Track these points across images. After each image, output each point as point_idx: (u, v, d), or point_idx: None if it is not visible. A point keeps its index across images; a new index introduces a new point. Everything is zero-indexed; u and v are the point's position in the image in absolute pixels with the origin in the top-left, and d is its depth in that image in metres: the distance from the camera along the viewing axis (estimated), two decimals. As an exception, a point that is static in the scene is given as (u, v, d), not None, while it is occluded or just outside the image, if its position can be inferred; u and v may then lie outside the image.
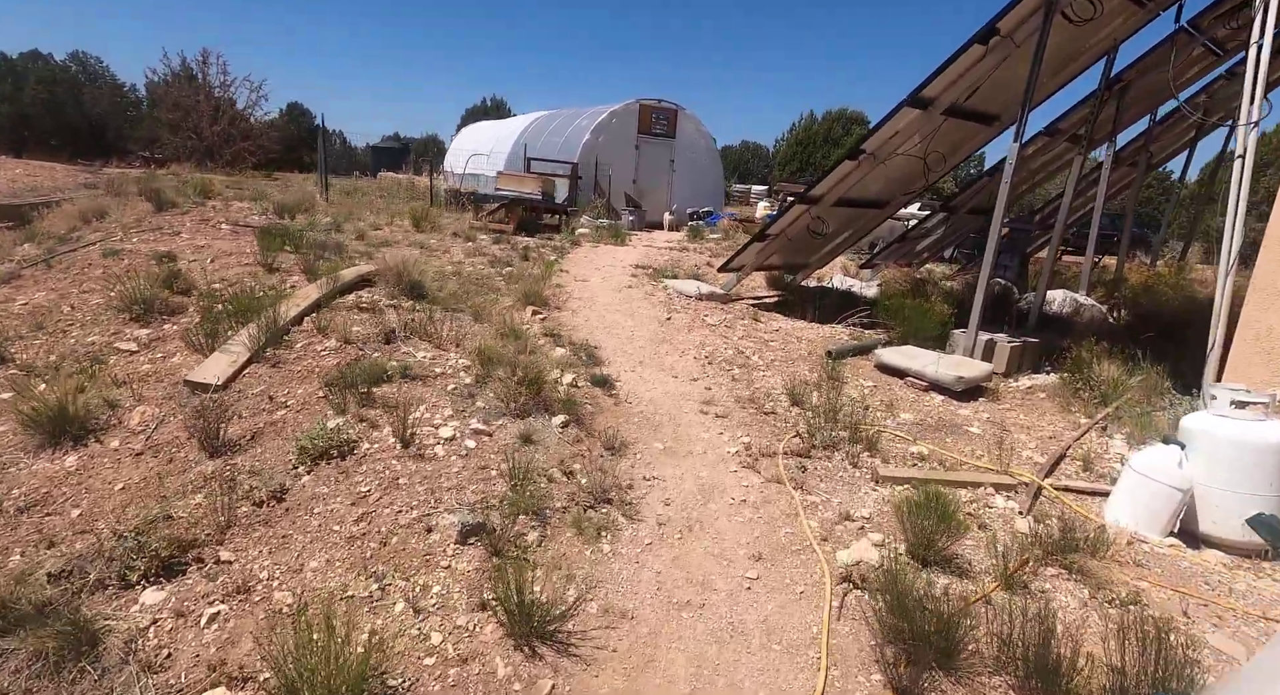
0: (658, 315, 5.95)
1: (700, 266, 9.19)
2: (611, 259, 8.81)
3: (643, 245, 11.32)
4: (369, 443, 3.05)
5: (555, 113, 21.05)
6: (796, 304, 7.46)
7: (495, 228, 10.06)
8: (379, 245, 7.71)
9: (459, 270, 6.64)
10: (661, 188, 17.92)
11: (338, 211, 10.81)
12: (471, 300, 5.45)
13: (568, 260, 8.35)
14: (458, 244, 8.48)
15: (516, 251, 8.24)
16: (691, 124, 17.90)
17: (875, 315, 6.54)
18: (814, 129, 36.17)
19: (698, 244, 12.52)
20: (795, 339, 5.96)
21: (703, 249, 11.51)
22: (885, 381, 5.11)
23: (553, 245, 9.35)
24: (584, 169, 16.12)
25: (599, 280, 7.26)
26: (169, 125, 27.85)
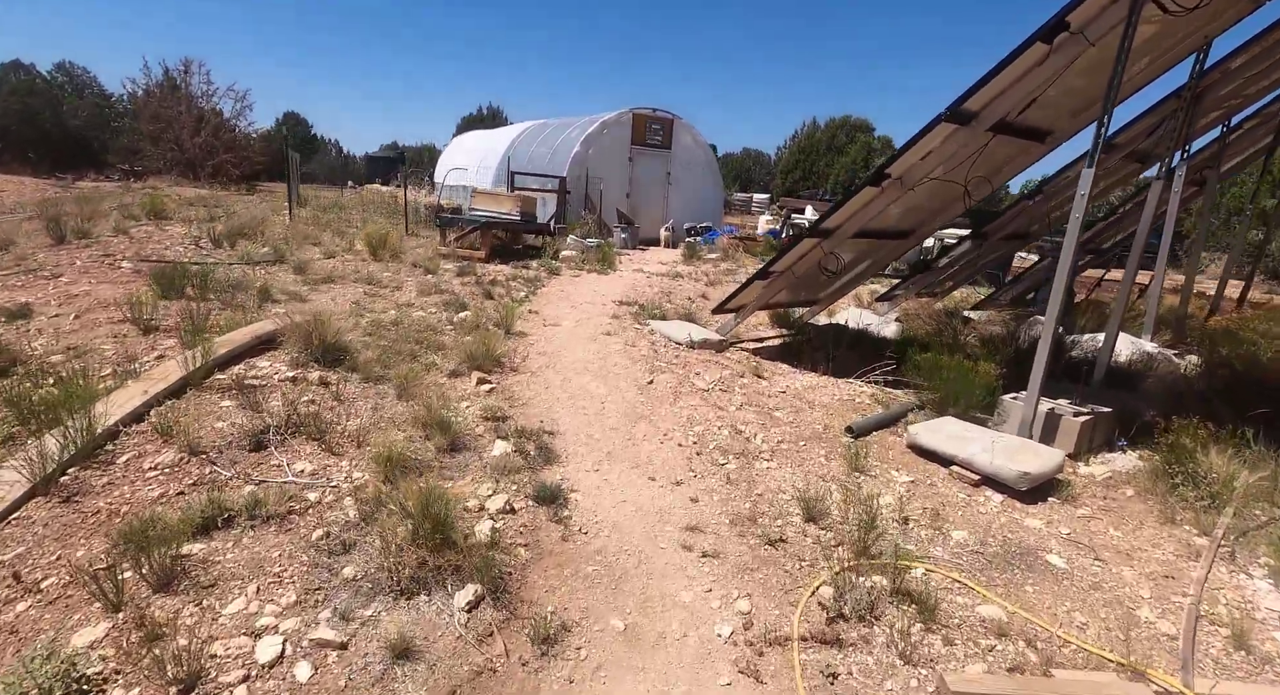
0: (638, 377, 4.85)
1: (694, 299, 8.09)
2: (593, 292, 7.72)
3: (632, 270, 10.24)
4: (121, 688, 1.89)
5: (545, 123, 20.05)
6: (805, 350, 6.35)
7: (465, 255, 8.98)
8: (319, 282, 6.63)
9: (402, 318, 5.55)
10: (657, 202, 16.87)
11: (293, 235, 9.76)
12: (403, 366, 4.35)
13: (541, 296, 7.26)
14: (416, 277, 7.40)
15: (482, 287, 7.15)
16: (689, 134, 16.88)
17: (901, 368, 5.44)
18: (816, 136, 35.19)
19: (693, 266, 11.43)
20: (807, 404, 4.85)
21: (698, 273, 10.41)
22: (923, 469, 3.99)
23: (527, 275, 8.26)
24: (574, 183, 15.08)
25: (572, 324, 6.16)
26: (150, 137, 26.97)
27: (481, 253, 8.87)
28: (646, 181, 16.48)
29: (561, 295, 7.43)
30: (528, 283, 7.77)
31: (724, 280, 9.66)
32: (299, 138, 63.98)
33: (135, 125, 27.17)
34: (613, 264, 10.59)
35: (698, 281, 9.51)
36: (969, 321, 7.36)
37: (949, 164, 4.71)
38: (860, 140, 31.67)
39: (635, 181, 16.31)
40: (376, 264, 8.06)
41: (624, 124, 15.84)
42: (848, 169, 29.98)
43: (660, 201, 16.87)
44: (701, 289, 8.83)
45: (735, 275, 10.46)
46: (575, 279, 8.60)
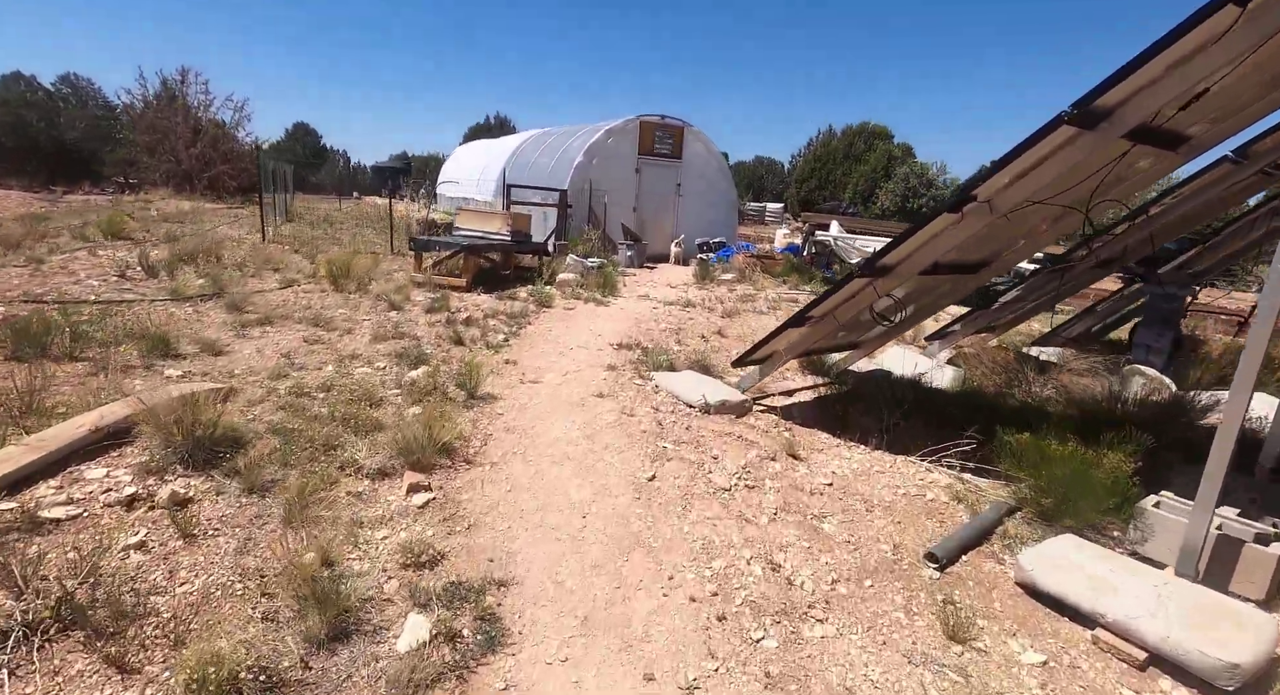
0: (635, 467, 3.61)
1: (708, 337, 6.84)
2: (588, 331, 6.50)
3: (637, 296, 9.02)
4: None
5: (547, 131, 18.98)
6: (848, 410, 5.08)
7: (444, 283, 7.82)
8: (254, 324, 5.47)
9: (337, 379, 4.35)
10: (666, 216, 15.68)
11: (256, 258, 8.66)
12: (310, 465, 3.15)
13: (524, 339, 6.04)
14: (378, 314, 6.22)
15: (453, 327, 5.95)
16: (700, 143, 15.70)
17: (984, 443, 4.16)
18: (833, 144, 33.92)
19: (706, 290, 10.20)
20: (863, 503, 3.58)
21: (712, 299, 9.18)
22: (1052, 629, 2.72)
23: (512, 309, 7.06)
24: (576, 196, 13.94)
25: (557, 379, 4.94)
26: (146, 149, 26.28)
27: (462, 280, 7.70)
28: (654, 194, 15.31)
29: (549, 336, 6.21)
30: (510, 320, 6.56)
31: (742, 310, 8.42)
32: (309, 149, 63.92)
33: (132, 136, 26.54)
34: (615, 289, 9.39)
35: (711, 312, 8.27)
36: (1044, 366, 6.05)
37: (1065, 180, 3.44)
38: (880, 148, 30.35)
39: (642, 194, 15.14)
40: (337, 295, 6.90)
41: (630, 132, 14.70)
42: (867, 177, 28.66)
43: (669, 215, 15.69)
44: (717, 322, 7.59)
45: (754, 303, 9.22)
46: (569, 312, 7.38)
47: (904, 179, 23.16)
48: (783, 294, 10.27)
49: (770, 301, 9.37)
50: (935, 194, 22.55)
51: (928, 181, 22.86)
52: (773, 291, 10.52)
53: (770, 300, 9.48)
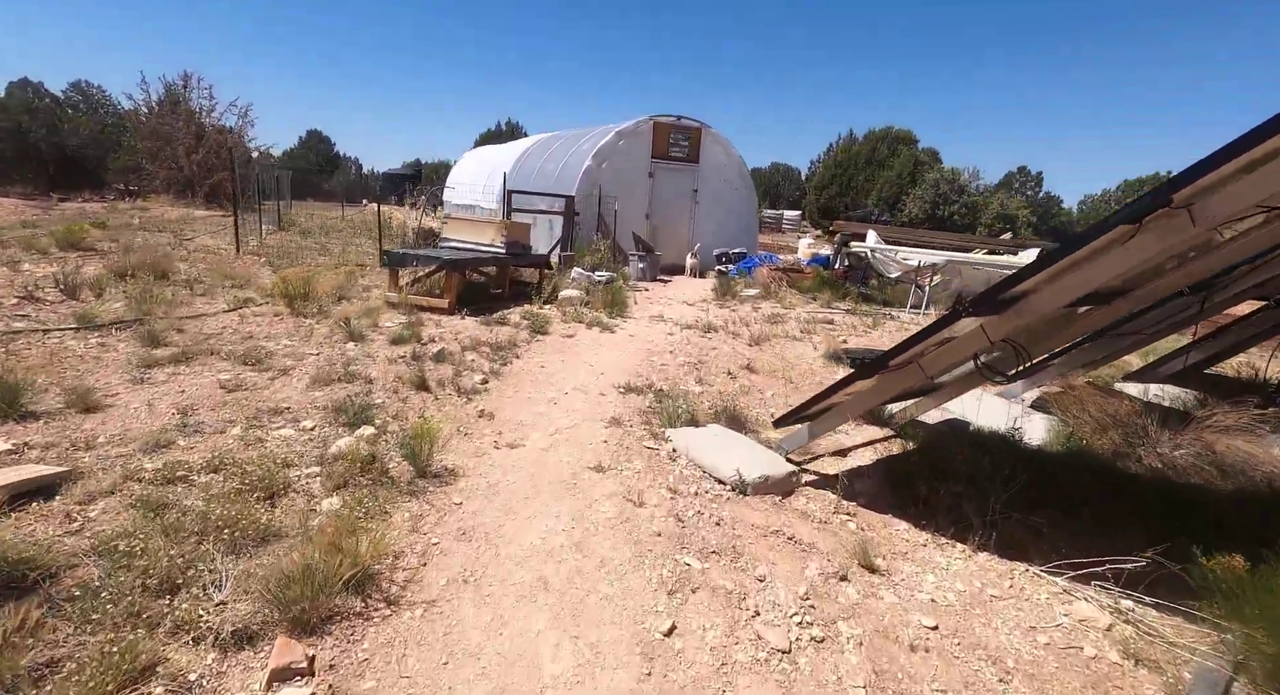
0: (643, 613, 2.39)
1: (735, 373, 5.62)
2: (589, 367, 5.30)
3: (649, 318, 7.82)
4: None
5: (555, 135, 17.94)
6: (932, 484, 3.81)
7: (424, 304, 6.66)
8: (170, 360, 4.34)
9: (237, 450, 3.18)
10: (681, 225, 14.50)
11: (215, 274, 7.59)
12: (126, 626, 1.98)
13: (508, 380, 4.85)
14: (330, 346, 5.07)
15: (419, 365, 4.76)
16: (719, 146, 14.53)
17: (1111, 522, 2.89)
18: (854, 150, 32.62)
19: (728, 309, 8.98)
20: (995, 674, 2.33)
21: (735, 321, 7.96)
22: None
23: (500, 337, 5.87)
24: (584, 203, 12.82)
25: (542, 443, 3.74)
26: (148, 154, 25.67)
27: (444, 301, 6.54)
28: (669, 200, 14.15)
29: (540, 375, 5.01)
30: (495, 353, 5.37)
31: (772, 335, 7.18)
32: (321, 156, 63.85)
33: (132, 142, 25.95)
34: (625, 308, 8.20)
35: (736, 337, 7.04)
36: (1166, 415, 4.74)
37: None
38: (904, 153, 28.96)
39: (656, 201, 13.99)
40: (291, 320, 5.78)
41: (643, 134, 13.57)
42: (892, 183, 27.29)
43: (685, 224, 14.51)
44: (744, 352, 6.36)
45: (784, 324, 7.99)
46: (569, 340, 6.19)
47: (933, 185, 21.80)
48: (815, 314, 9.02)
49: (803, 323, 8.13)
50: (967, 201, 21.18)
51: (959, 187, 21.49)
52: (803, 310, 9.27)
53: (802, 322, 8.24)
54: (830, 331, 7.75)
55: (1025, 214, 21.78)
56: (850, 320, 8.66)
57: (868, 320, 8.67)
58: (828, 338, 7.32)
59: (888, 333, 7.91)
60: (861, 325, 8.29)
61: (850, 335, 7.65)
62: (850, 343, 7.25)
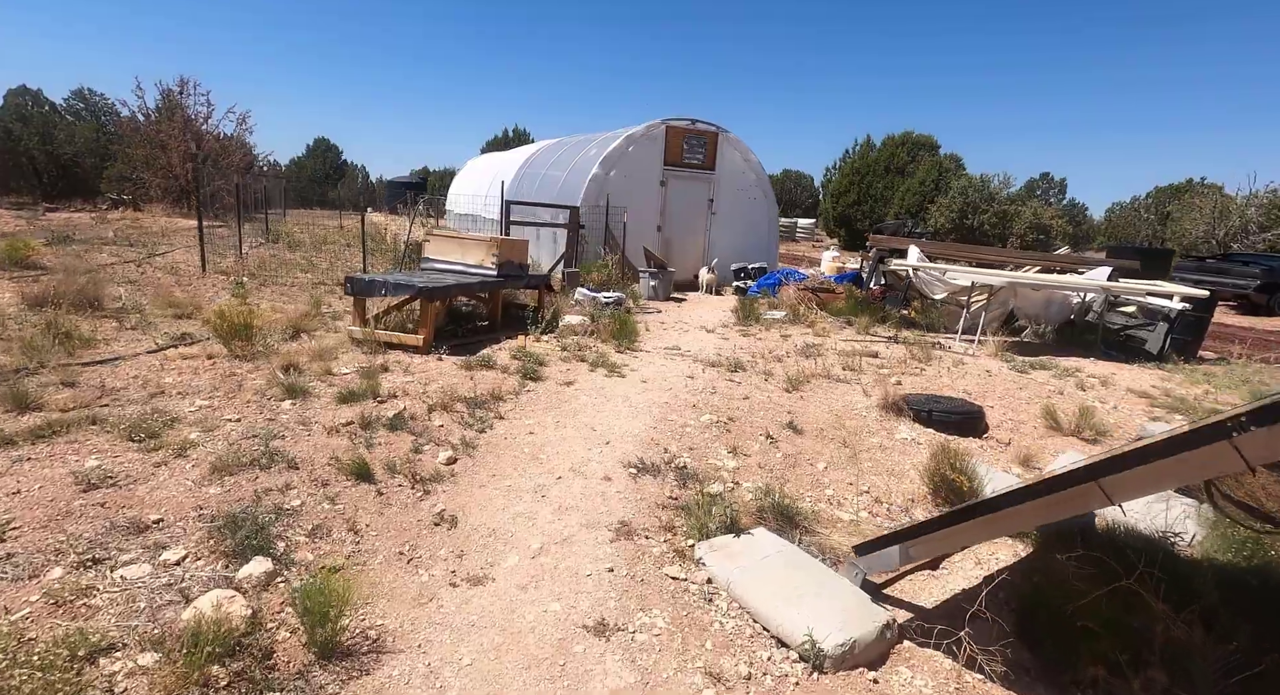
0: None
1: (775, 435, 4.44)
2: (589, 431, 4.15)
3: (664, 350, 6.69)
4: None
5: (561, 141, 16.90)
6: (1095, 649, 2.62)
7: (393, 341, 5.55)
8: (24, 436, 3.24)
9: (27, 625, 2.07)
10: (696, 237, 13.38)
11: (156, 300, 6.54)
12: None
13: (483, 455, 3.69)
14: (260, 405, 3.96)
15: (369, 435, 3.65)
16: (737, 151, 13.42)
17: None
18: (872, 156, 31.41)
19: (754, 338, 7.82)
20: None
21: (765, 353, 6.80)
22: None
23: (481, 387, 4.74)
24: (591, 215, 11.73)
25: (519, 573, 2.60)
26: (143, 163, 24.92)
27: (418, 337, 5.43)
28: (682, 211, 13.04)
29: (528, 448, 3.86)
30: (472, 412, 4.23)
31: (812, 376, 6.01)
32: (329, 164, 63.46)
33: (129, 151, 25.24)
34: (635, 338, 7.07)
35: (769, 377, 5.88)
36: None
37: None
38: (927, 159, 27.72)
39: (668, 211, 12.88)
40: (226, 365, 4.68)
41: (655, 139, 12.48)
42: (915, 191, 26.03)
43: (700, 236, 13.39)
44: (782, 401, 5.20)
45: (821, 357, 6.82)
46: (567, 388, 5.04)
47: (961, 193, 20.56)
48: (854, 343, 7.85)
49: (844, 356, 6.96)
50: (999, 210, 19.91)
51: (989, 195, 20.24)
52: (840, 338, 8.10)
53: (843, 354, 7.07)
54: (877, 368, 6.58)
55: (1060, 224, 20.47)
56: (896, 352, 7.48)
57: (916, 351, 7.48)
58: (878, 378, 6.15)
59: (944, 370, 6.72)
60: (910, 359, 7.10)
61: (902, 373, 6.47)
62: (904, 384, 6.07)
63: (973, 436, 5.01)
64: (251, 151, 37.59)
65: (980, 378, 6.43)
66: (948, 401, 5.26)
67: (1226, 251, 18.30)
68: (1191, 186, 35.20)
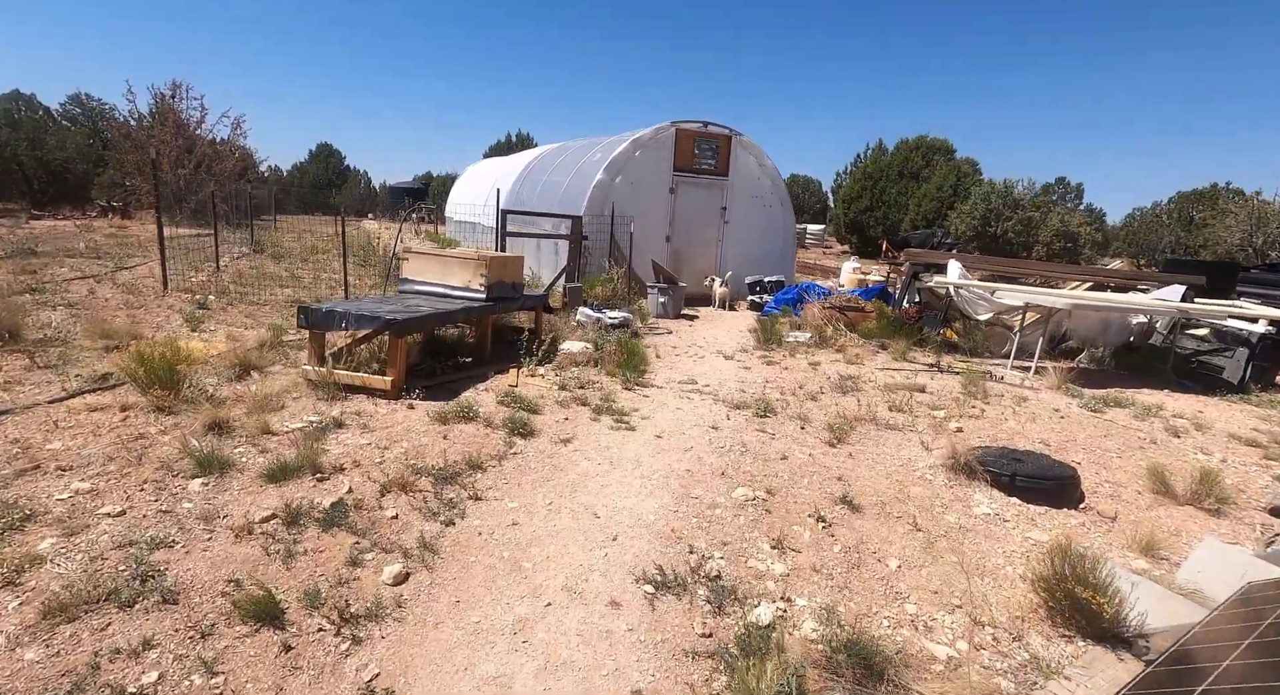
0: None
1: (827, 512, 3.48)
2: (592, 520, 3.20)
3: (677, 385, 5.73)
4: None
5: (564, 146, 16.02)
6: None
7: (356, 384, 4.62)
8: None
9: None
10: (708, 248, 12.45)
11: (91, 329, 5.64)
12: None
13: (449, 559, 2.73)
14: (155, 493, 3.04)
15: (295, 533, 2.71)
16: (751, 156, 12.50)
17: None
18: (885, 161, 30.45)
19: (777, 365, 6.86)
20: None
21: (794, 387, 5.85)
22: None
23: (453, 448, 3.81)
24: (595, 224, 10.81)
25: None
26: (135, 168, 24.19)
27: (386, 379, 4.51)
28: (693, 220, 12.11)
29: (508, 550, 2.90)
30: (439, 491, 3.28)
31: (856, 421, 5.04)
32: (332, 169, 62.88)
33: (120, 156, 24.52)
34: (645, 368, 6.14)
35: (806, 424, 4.92)
36: None
37: None
38: (943, 164, 26.74)
39: (678, 220, 11.96)
40: (141, 419, 3.77)
41: (663, 143, 11.56)
42: (932, 197, 25.00)
43: (712, 246, 12.46)
44: (827, 460, 4.24)
45: (860, 392, 5.86)
46: (563, 448, 4.09)
47: (983, 199, 19.54)
48: (893, 372, 6.88)
49: (886, 392, 6.00)
50: (1024, 216, 18.88)
51: (1013, 202, 19.22)
52: (876, 366, 7.13)
53: (886, 389, 6.11)
54: (929, 408, 5.61)
55: (1088, 231, 19.42)
56: (946, 384, 6.51)
57: (967, 384, 6.52)
58: (934, 423, 5.18)
59: (1007, 409, 5.75)
60: (964, 394, 6.13)
61: (960, 415, 5.50)
62: (966, 430, 5.10)
63: (1067, 507, 4.03)
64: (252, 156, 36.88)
65: (1053, 422, 5.46)
66: (1030, 459, 4.29)
67: (1266, 261, 17.21)
68: (1217, 191, 34.08)
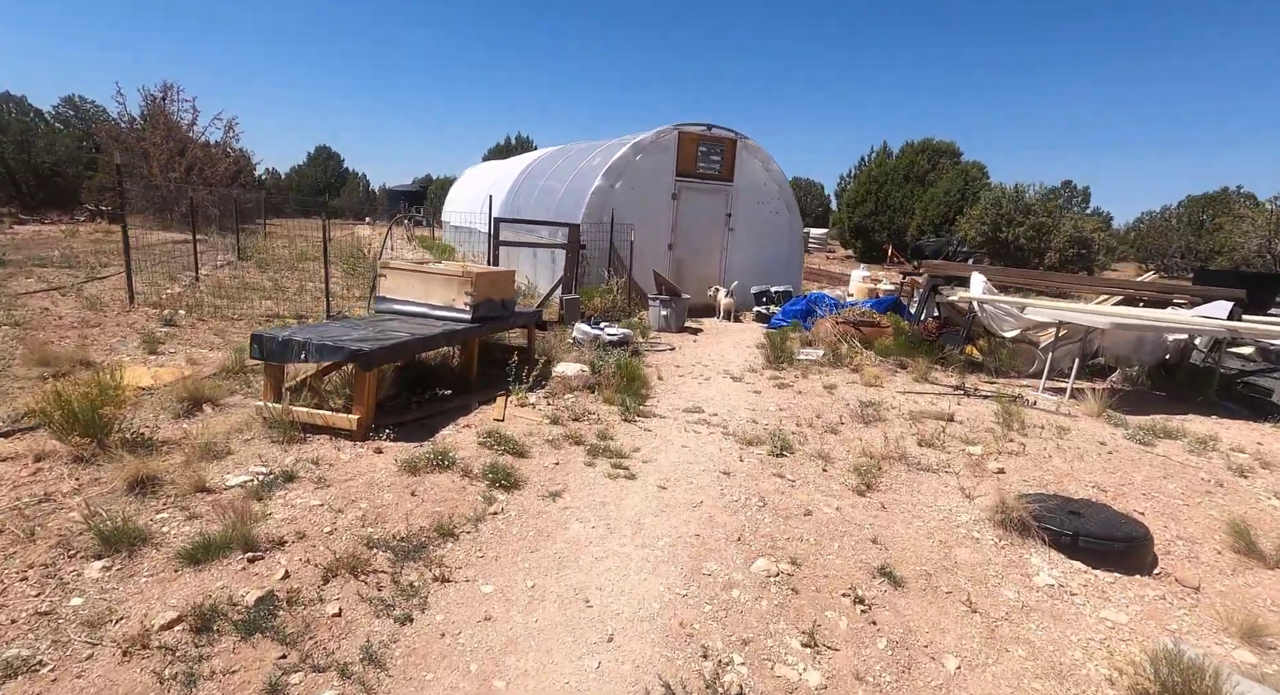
0: None
1: (866, 592, 2.91)
2: (581, 606, 2.61)
3: (681, 417, 5.16)
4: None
5: (562, 149, 15.48)
6: None
7: (318, 422, 4.05)
8: None
9: None
10: (711, 256, 11.89)
11: (29, 355, 5.09)
12: None
13: (393, 687, 2.20)
14: (40, 585, 2.48)
15: (203, 654, 2.16)
16: (757, 160, 11.94)
17: None
18: (889, 164, 29.89)
19: (789, 389, 6.28)
20: None
21: (813, 418, 5.28)
22: None
23: (422, 518, 3.23)
24: (594, 232, 10.26)
25: None
26: (126, 172, 23.61)
27: (352, 418, 3.95)
28: (696, 227, 11.56)
29: (475, 661, 2.32)
30: (398, 571, 2.71)
31: (884, 460, 4.47)
32: (331, 172, 62.39)
33: (110, 159, 23.99)
34: (646, 393, 5.59)
35: (828, 466, 4.35)
36: None
37: None
38: (951, 168, 26.16)
39: (681, 227, 11.40)
40: (56, 472, 3.21)
41: (666, 146, 11.01)
42: (939, 202, 24.42)
43: (716, 255, 11.90)
44: (856, 514, 3.67)
45: (884, 423, 5.29)
46: (552, 505, 3.51)
47: (994, 204, 18.97)
48: (915, 395, 6.32)
49: (912, 420, 5.44)
50: (1036, 222, 18.30)
51: (1024, 207, 18.64)
52: (896, 389, 6.57)
53: (911, 417, 5.54)
54: (963, 442, 5.04)
55: (1103, 237, 18.86)
56: (975, 411, 5.94)
57: (999, 411, 5.95)
58: (970, 462, 4.61)
59: (1048, 443, 5.18)
60: (999, 424, 5.56)
61: (999, 450, 4.92)
62: (1009, 470, 4.53)
63: (1139, 574, 3.46)
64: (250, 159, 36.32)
65: (1102, 459, 4.88)
66: (1091, 513, 3.72)
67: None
68: (1228, 195, 33.48)
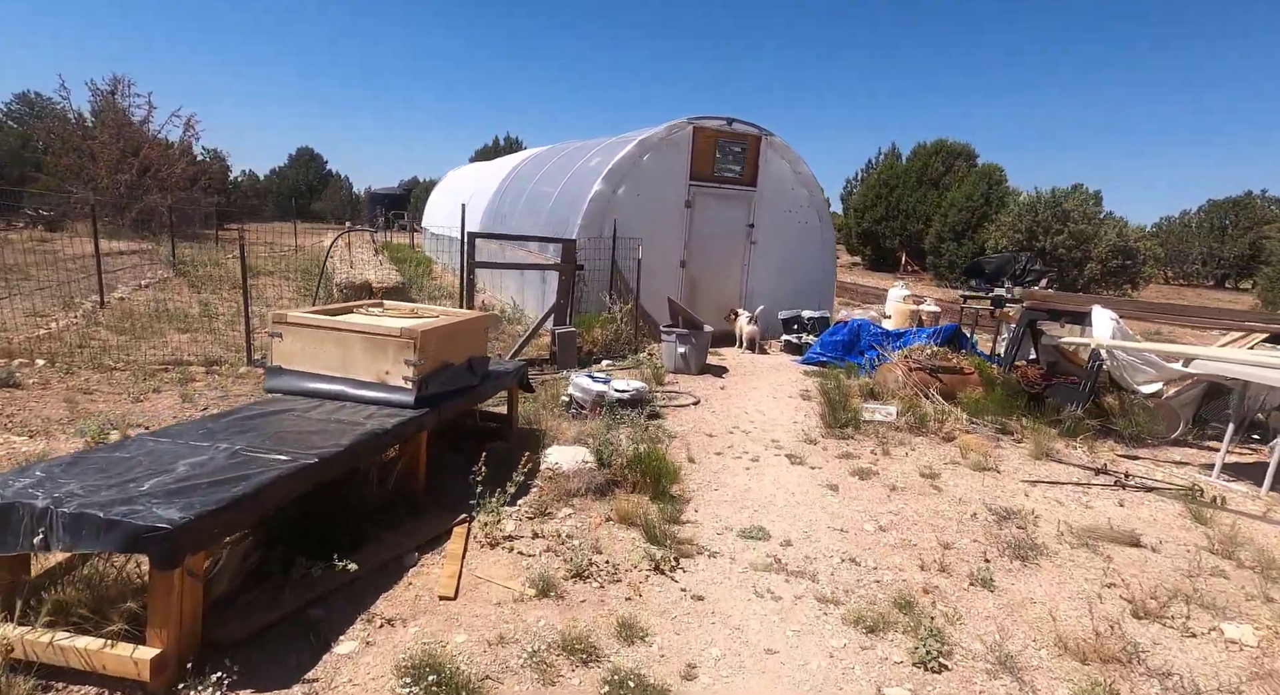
0: None
1: None
2: None
3: (736, 525, 3.21)
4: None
5: (555, 148, 13.58)
6: None
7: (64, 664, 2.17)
8: None
9: None
10: (730, 274, 10.03)
11: None
12: None
13: None
14: None
15: None
16: (784, 161, 10.11)
17: None
18: (900, 167, 28.26)
19: (873, 481, 4.36)
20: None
21: (933, 539, 3.39)
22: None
23: None
24: (592, 248, 8.39)
25: None
26: (70, 172, 21.52)
27: (146, 652, 2.04)
28: (713, 241, 9.71)
29: None
30: None
31: (1095, 668, 2.62)
32: (313, 174, 60.04)
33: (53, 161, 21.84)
34: (677, 500, 3.71)
35: (1017, 681, 2.49)
36: None
37: None
38: (967, 171, 24.54)
39: (695, 241, 9.54)
40: None
41: (678, 145, 9.16)
42: (960, 208, 22.72)
43: (736, 272, 10.05)
44: None
45: (1038, 549, 3.46)
46: None
47: (1029, 210, 17.29)
48: (1058, 492, 4.48)
49: (1083, 546, 3.61)
50: (1075, 230, 16.63)
51: (1062, 214, 16.97)
52: (1019, 476, 4.73)
53: (1078, 541, 3.71)
54: (1200, 606, 3.19)
55: (1150, 246, 17.22)
56: (1153, 517, 4.11)
57: (1185, 512, 4.13)
58: (1254, 674, 2.77)
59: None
60: (1213, 551, 3.73)
61: (1253, 621, 3.09)
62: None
63: None
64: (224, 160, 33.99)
65: None
66: None
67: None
68: (1251, 199, 32.18)
